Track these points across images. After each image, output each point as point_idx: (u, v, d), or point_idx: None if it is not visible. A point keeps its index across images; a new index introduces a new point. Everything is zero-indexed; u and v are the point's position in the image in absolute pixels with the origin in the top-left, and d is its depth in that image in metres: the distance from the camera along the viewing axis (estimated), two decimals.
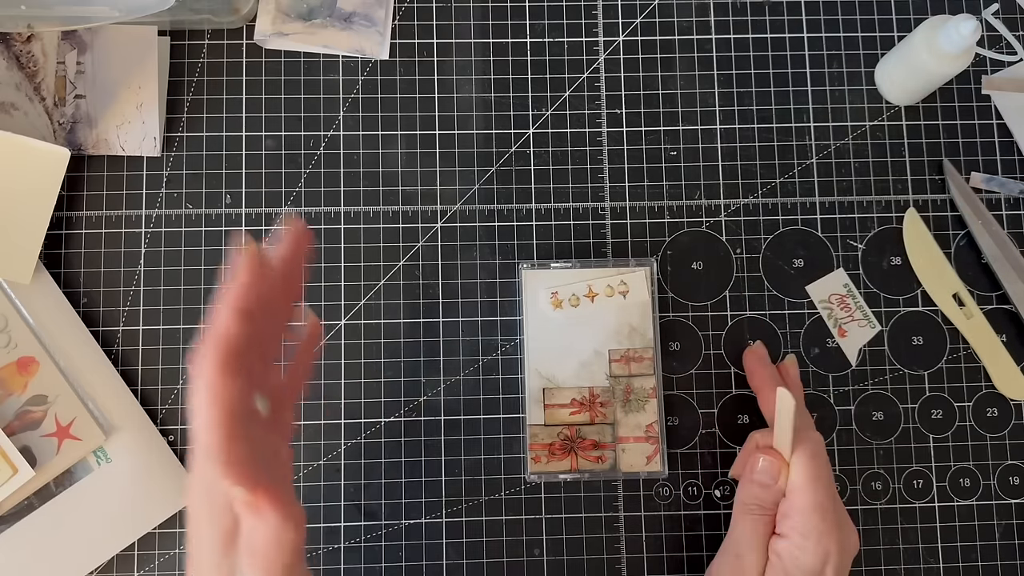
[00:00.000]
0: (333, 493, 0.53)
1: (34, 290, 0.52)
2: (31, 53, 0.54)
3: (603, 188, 0.56)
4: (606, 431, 0.51)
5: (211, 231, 0.55)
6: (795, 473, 0.45)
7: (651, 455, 0.51)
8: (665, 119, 0.57)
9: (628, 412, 0.51)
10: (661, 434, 0.51)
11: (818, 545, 0.44)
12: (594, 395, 0.52)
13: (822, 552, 0.44)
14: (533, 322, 0.52)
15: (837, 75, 0.58)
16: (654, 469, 0.51)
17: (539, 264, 0.53)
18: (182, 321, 0.54)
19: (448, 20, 0.58)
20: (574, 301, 0.52)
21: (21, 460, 0.49)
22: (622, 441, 0.51)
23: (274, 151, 0.56)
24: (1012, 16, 0.59)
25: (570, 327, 0.52)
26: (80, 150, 0.54)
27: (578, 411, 0.52)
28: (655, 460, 0.51)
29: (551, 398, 0.52)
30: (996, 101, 0.58)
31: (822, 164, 0.57)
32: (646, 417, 0.51)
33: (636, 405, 0.51)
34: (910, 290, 0.56)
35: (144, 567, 0.52)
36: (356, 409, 0.54)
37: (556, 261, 0.53)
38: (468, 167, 0.56)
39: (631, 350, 0.52)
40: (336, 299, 0.54)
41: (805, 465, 0.45)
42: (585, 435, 0.51)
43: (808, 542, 0.44)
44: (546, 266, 0.52)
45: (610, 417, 0.51)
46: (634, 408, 0.51)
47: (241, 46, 0.57)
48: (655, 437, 0.51)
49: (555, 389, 0.52)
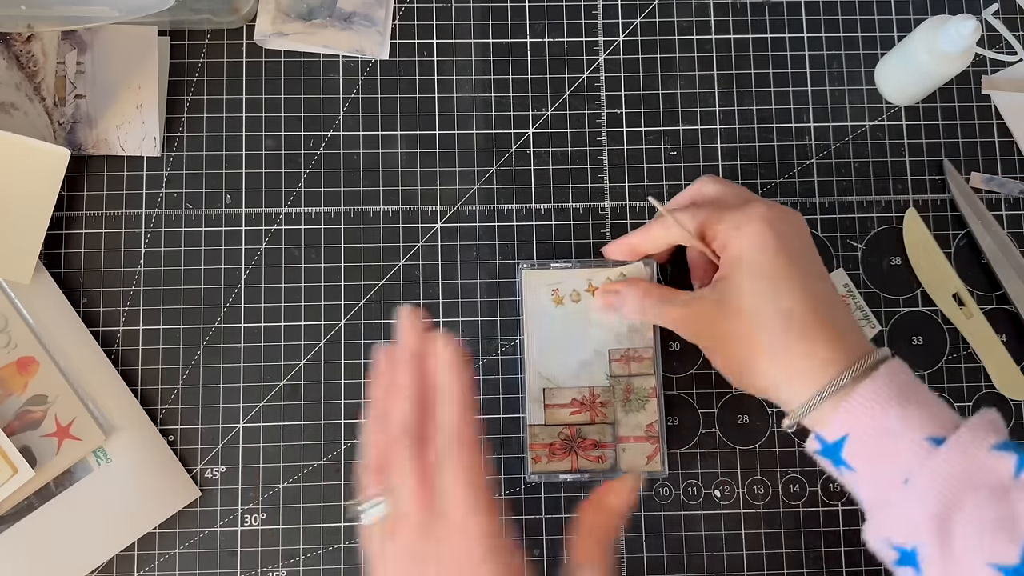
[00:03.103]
0: (333, 493, 0.53)
1: (34, 290, 0.52)
2: (31, 53, 0.54)
3: (603, 188, 0.56)
4: (606, 431, 0.51)
5: (211, 231, 0.55)
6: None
7: (651, 455, 0.51)
8: (665, 119, 0.57)
9: (628, 412, 0.51)
10: (661, 434, 0.51)
11: (747, 220, 0.45)
12: (594, 395, 0.52)
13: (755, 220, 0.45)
14: (533, 321, 0.52)
15: (837, 75, 0.58)
16: (654, 469, 0.51)
17: (539, 264, 0.53)
18: (182, 321, 0.54)
19: (448, 20, 0.58)
20: (575, 296, 0.52)
21: (21, 460, 0.49)
22: (622, 441, 0.51)
23: (274, 151, 0.56)
24: (1012, 16, 0.59)
25: (570, 327, 0.52)
26: (80, 150, 0.54)
27: (578, 411, 0.52)
28: (655, 460, 0.51)
29: (551, 398, 0.52)
30: (996, 101, 0.58)
31: (822, 164, 0.57)
32: (646, 417, 0.51)
33: (636, 405, 0.51)
34: (910, 290, 0.56)
35: (144, 567, 0.52)
36: (356, 409, 0.54)
37: (556, 261, 0.53)
38: (468, 167, 0.56)
39: (631, 350, 0.52)
40: (336, 299, 0.54)
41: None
42: (585, 435, 0.51)
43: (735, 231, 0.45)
44: (546, 266, 0.52)
45: (610, 417, 0.51)
46: (634, 408, 0.51)
47: (241, 46, 0.57)
48: (655, 437, 0.51)
49: (555, 389, 0.52)
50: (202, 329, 0.54)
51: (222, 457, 0.53)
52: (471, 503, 0.38)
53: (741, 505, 0.53)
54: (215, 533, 0.52)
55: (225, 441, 0.53)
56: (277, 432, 0.53)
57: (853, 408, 0.41)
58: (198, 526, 0.52)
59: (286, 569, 0.52)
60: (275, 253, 0.55)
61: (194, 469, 0.53)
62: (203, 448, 0.53)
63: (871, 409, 0.40)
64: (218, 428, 0.53)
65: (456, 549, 0.38)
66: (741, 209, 0.45)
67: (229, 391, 0.53)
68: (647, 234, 0.50)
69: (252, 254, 0.55)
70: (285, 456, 0.53)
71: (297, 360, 0.54)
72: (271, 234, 0.55)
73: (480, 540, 0.38)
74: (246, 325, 0.54)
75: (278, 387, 0.54)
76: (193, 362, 0.54)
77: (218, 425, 0.53)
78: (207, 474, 0.53)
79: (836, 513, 0.53)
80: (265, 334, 0.54)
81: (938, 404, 0.41)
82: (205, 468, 0.53)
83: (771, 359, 0.43)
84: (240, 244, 0.55)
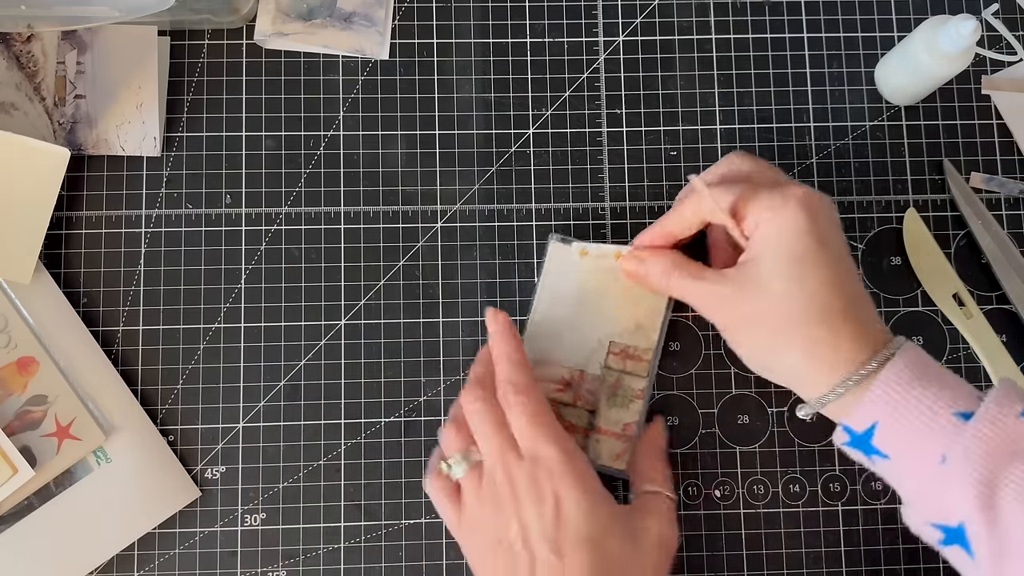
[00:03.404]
0: (333, 493, 0.53)
1: (34, 290, 0.52)
2: (31, 53, 0.54)
3: (603, 188, 0.56)
4: (584, 417, 0.51)
5: (211, 231, 0.55)
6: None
7: (620, 453, 0.51)
8: (665, 119, 0.57)
9: (612, 406, 0.51)
10: (637, 436, 0.51)
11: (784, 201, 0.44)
12: (583, 379, 0.52)
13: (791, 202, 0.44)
14: (546, 294, 0.52)
15: (837, 75, 0.58)
16: (620, 468, 0.51)
17: (568, 240, 0.53)
18: (182, 321, 0.54)
19: (448, 20, 0.58)
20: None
21: (21, 460, 0.49)
22: (599, 432, 0.51)
23: (274, 151, 0.56)
24: (1012, 16, 0.59)
25: (580, 307, 0.52)
26: (80, 150, 0.54)
27: (563, 390, 0.52)
28: (622, 459, 0.51)
29: (541, 369, 0.52)
30: (996, 101, 0.58)
31: (822, 164, 0.57)
32: (627, 416, 0.51)
33: (621, 401, 0.51)
34: (910, 290, 0.56)
35: (144, 567, 0.52)
36: (356, 409, 0.54)
37: (583, 241, 0.53)
38: (468, 167, 0.56)
39: (632, 347, 0.52)
40: (336, 299, 0.54)
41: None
42: (562, 414, 0.51)
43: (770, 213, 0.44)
44: (569, 242, 0.53)
45: (593, 406, 0.51)
46: (618, 404, 0.51)
47: (241, 46, 0.57)
48: (630, 438, 0.51)
49: (547, 362, 0.52)
50: (202, 329, 0.54)
51: (222, 457, 0.53)
52: (539, 435, 0.44)
53: (741, 505, 0.53)
54: (215, 533, 0.52)
55: (225, 441, 0.53)
56: (277, 432, 0.53)
57: (877, 395, 0.41)
58: (198, 526, 0.52)
59: (286, 569, 0.52)
60: (275, 253, 0.55)
61: (194, 469, 0.53)
62: (203, 448, 0.53)
63: (896, 393, 0.40)
64: (218, 428, 0.53)
65: (536, 479, 0.43)
66: (778, 190, 0.44)
67: (229, 391, 0.53)
68: (679, 214, 0.48)
69: (252, 254, 0.55)
70: (285, 456, 0.53)
71: (297, 360, 0.54)
72: (271, 234, 0.55)
73: (555, 467, 0.43)
74: (246, 325, 0.54)
75: (278, 387, 0.54)
76: (193, 362, 0.54)
77: (218, 425, 0.53)
78: (207, 474, 0.53)
79: (836, 513, 0.53)
80: (265, 334, 0.54)
81: (957, 380, 0.42)
82: (205, 468, 0.53)
83: (793, 344, 0.43)
84: (240, 244, 0.55)
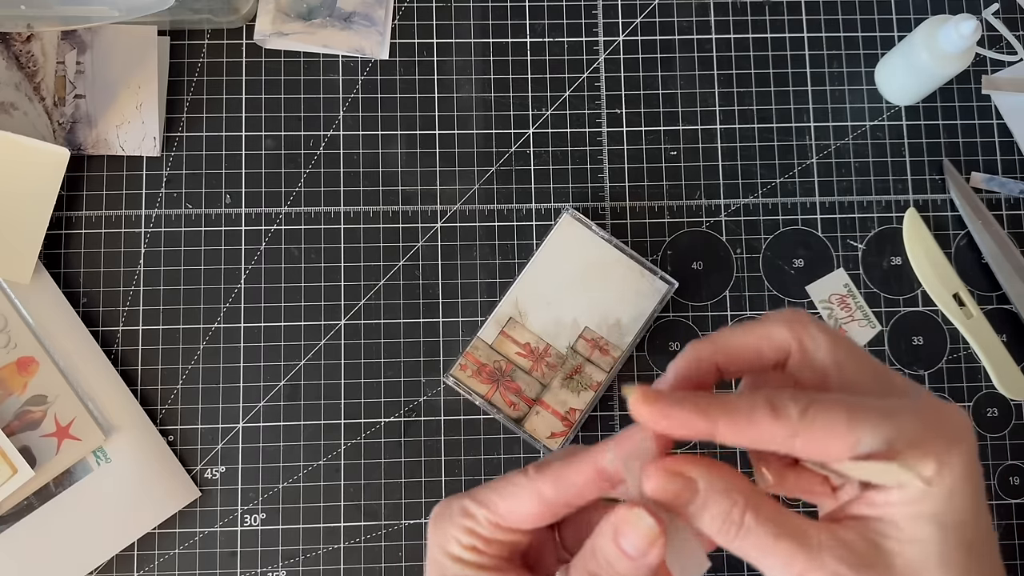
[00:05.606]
0: (333, 493, 0.53)
1: (34, 290, 0.52)
2: (31, 53, 0.54)
3: (603, 188, 0.56)
4: (535, 387, 0.52)
5: (211, 231, 0.55)
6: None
7: (556, 433, 0.52)
8: (665, 119, 0.57)
9: (564, 387, 0.52)
10: (576, 426, 0.52)
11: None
12: (547, 352, 0.52)
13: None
14: (543, 262, 0.53)
15: (837, 75, 0.58)
16: (551, 447, 0.51)
17: (582, 220, 0.53)
18: (182, 321, 0.54)
19: (448, 20, 0.58)
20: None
21: (21, 460, 0.49)
22: (541, 405, 0.52)
23: (274, 151, 0.56)
24: (1012, 16, 0.59)
25: (569, 286, 0.53)
26: (80, 150, 0.54)
27: (525, 356, 0.52)
28: (556, 440, 0.51)
29: (512, 329, 0.52)
30: (996, 101, 0.58)
31: (822, 164, 0.57)
32: (576, 402, 0.52)
33: (575, 386, 0.52)
34: (910, 290, 0.56)
35: (144, 567, 0.52)
36: (356, 409, 0.54)
37: (595, 226, 0.53)
38: (468, 167, 0.56)
39: (604, 340, 0.52)
40: (336, 299, 0.54)
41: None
42: (516, 378, 0.52)
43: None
44: (588, 226, 0.53)
45: (547, 380, 0.52)
46: (572, 387, 0.52)
47: (241, 46, 0.57)
48: (570, 423, 0.52)
49: (520, 326, 0.52)
50: (202, 329, 0.54)
51: (222, 457, 0.53)
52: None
53: None
54: (215, 533, 0.52)
55: (225, 441, 0.53)
56: (277, 432, 0.53)
57: None
58: (198, 526, 0.52)
59: (286, 569, 0.52)
60: (275, 253, 0.55)
61: (194, 469, 0.53)
62: (203, 448, 0.53)
63: None
64: (218, 428, 0.53)
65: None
66: (933, 428, 0.28)
67: (229, 391, 0.53)
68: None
69: (252, 254, 0.55)
70: (285, 456, 0.53)
71: (297, 360, 0.54)
72: (271, 234, 0.55)
73: None
74: (246, 325, 0.54)
75: (278, 387, 0.54)
76: (193, 362, 0.54)
77: (218, 425, 0.53)
78: (207, 474, 0.53)
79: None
80: (265, 334, 0.54)
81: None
82: (205, 468, 0.53)
83: None
84: (240, 244, 0.55)
